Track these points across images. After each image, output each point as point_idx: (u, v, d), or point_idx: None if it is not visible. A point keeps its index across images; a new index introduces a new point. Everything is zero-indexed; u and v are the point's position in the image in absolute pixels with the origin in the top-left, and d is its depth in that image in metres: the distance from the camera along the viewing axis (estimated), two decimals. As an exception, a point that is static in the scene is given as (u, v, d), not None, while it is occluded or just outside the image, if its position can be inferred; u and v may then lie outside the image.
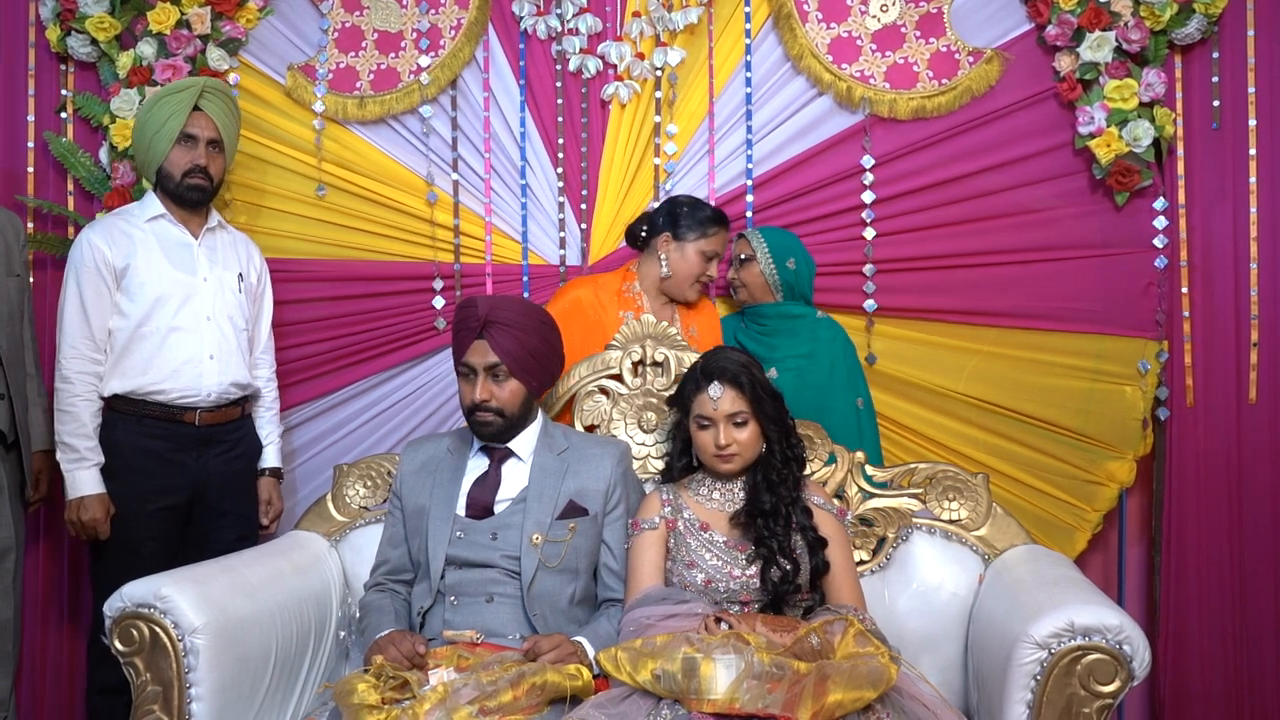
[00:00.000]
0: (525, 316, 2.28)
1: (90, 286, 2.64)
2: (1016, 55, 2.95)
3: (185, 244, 2.73)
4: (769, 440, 2.23)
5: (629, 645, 1.92)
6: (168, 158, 2.69)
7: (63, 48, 3.06)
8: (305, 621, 2.28)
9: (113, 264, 2.65)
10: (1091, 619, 1.87)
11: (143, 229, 2.70)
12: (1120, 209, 2.91)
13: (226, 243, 2.82)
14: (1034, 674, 1.88)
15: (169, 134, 2.67)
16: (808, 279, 2.85)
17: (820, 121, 3.02)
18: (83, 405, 2.61)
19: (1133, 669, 1.86)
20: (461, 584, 2.19)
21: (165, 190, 2.72)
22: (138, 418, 2.63)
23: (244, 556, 2.36)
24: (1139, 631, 1.88)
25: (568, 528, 2.21)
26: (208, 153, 2.71)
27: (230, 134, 2.79)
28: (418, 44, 3.09)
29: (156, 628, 1.99)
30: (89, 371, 2.63)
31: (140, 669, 2.00)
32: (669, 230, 2.72)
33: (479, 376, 2.23)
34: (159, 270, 2.67)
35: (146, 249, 2.68)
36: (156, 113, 2.68)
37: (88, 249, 2.64)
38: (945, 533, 2.42)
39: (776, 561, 2.13)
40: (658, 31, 3.03)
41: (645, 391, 2.55)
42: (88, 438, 2.60)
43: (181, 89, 2.71)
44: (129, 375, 2.63)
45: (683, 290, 2.75)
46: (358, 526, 2.53)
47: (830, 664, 1.85)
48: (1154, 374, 2.92)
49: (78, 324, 2.63)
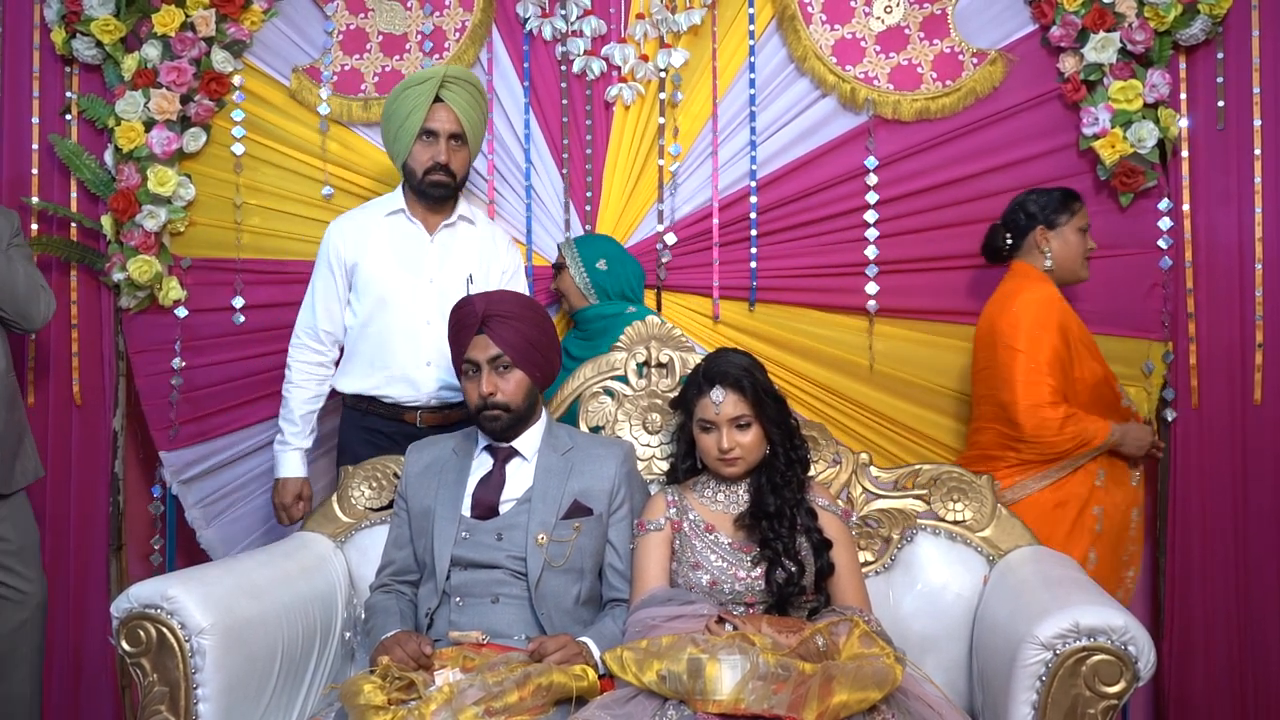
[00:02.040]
0: (522, 308, 2.31)
1: (322, 279, 2.69)
2: (1021, 56, 2.96)
3: (418, 242, 2.67)
4: (772, 443, 2.24)
5: (635, 646, 1.93)
6: (410, 154, 2.63)
7: (68, 50, 3.08)
8: (311, 622, 2.28)
9: (344, 259, 2.66)
10: (1096, 619, 1.87)
11: (380, 224, 2.67)
12: (1125, 210, 2.92)
13: (468, 238, 2.73)
14: (1039, 675, 1.88)
15: (410, 130, 2.60)
16: (625, 278, 2.87)
17: (824, 123, 3.03)
18: (296, 392, 2.70)
19: (1138, 669, 1.86)
20: (467, 585, 2.20)
21: (409, 185, 2.68)
22: (363, 413, 2.67)
23: (251, 557, 2.37)
24: (1144, 632, 1.88)
25: (572, 528, 2.22)
26: (449, 148, 2.62)
27: (475, 125, 2.68)
28: (422, 46, 3.10)
29: (163, 628, 2.00)
30: (308, 361, 2.70)
31: (147, 669, 2.01)
32: (1040, 224, 2.71)
33: (483, 371, 2.24)
34: (385, 270, 2.64)
35: (378, 247, 2.65)
36: (399, 107, 2.61)
37: (325, 242, 2.69)
38: (950, 534, 2.42)
39: (782, 563, 2.14)
40: (661, 33, 3.04)
41: (650, 393, 2.56)
42: (293, 423, 2.69)
43: (421, 80, 2.61)
44: (355, 376, 2.67)
45: (1076, 271, 2.74)
46: (363, 528, 2.54)
47: (835, 665, 1.86)
48: (1159, 375, 2.93)
49: (306, 315, 2.71)
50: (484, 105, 2.73)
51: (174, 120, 3.04)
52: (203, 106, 3.07)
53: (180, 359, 3.11)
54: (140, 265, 3.01)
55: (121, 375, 3.16)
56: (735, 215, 3.04)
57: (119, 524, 3.17)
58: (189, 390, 3.12)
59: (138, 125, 3.02)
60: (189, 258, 3.12)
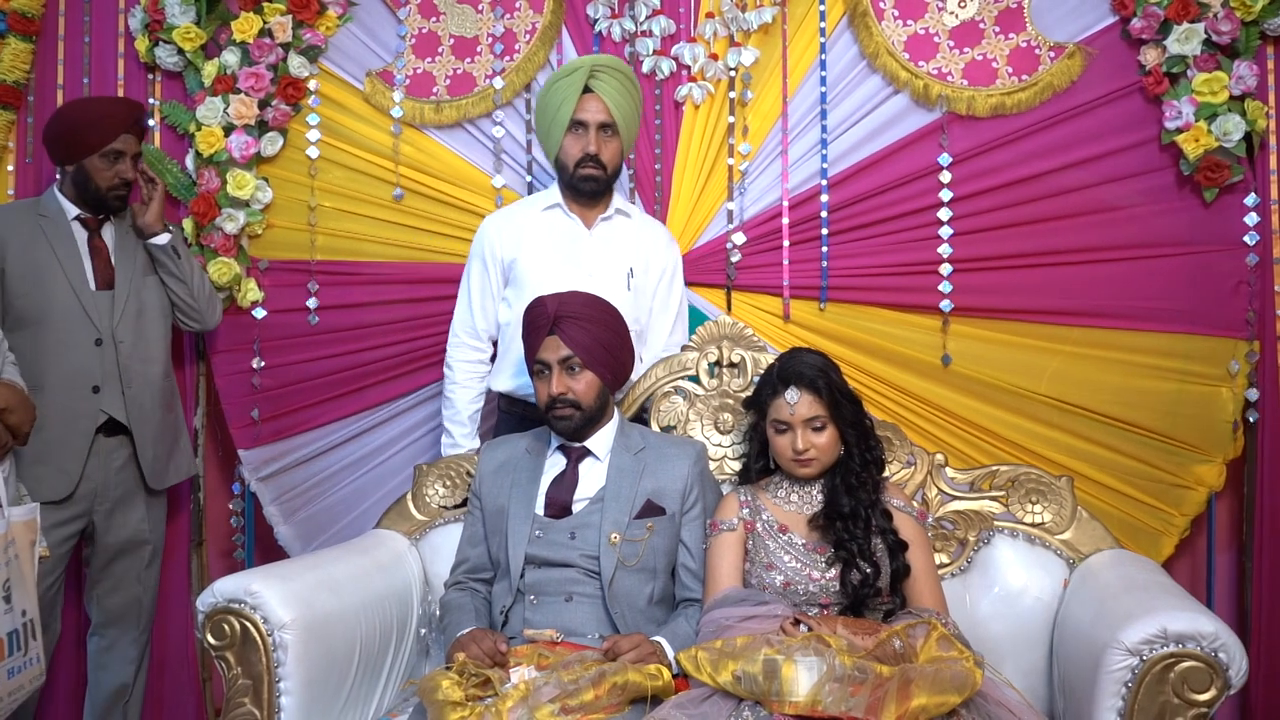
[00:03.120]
0: (593, 309, 2.32)
1: (477, 276, 2.72)
2: (1100, 49, 2.89)
3: (576, 236, 2.65)
4: (847, 444, 2.23)
5: (709, 646, 1.93)
6: (561, 147, 2.61)
7: (151, 58, 3.17)
8: (388, 618, 2.32)
9: (500, 256, 2.67)
10: (1185, 625, 1.83)
11: (537, 218, 2.68)
12: (1209, 205, 2.84)
13: (626, 232, 2.70)
14: (1125, 681, 1.85)
15: (561, 123, 2.58)
16: None
17: (896, 120, 2.99)
18: (460, 392, 2.73)
19: (1229, 677, 1.82)
20: (541, 583, 2.22)
21: (561, 180, 2.67)
22: (518, 418, 2.68)
23: (329, 554, 2.42)
24: (1235, 639, 1.84)
25: (645, 527, 2.23)
26: (599, 138, 2.58)
27: (626, 114, 2.63)
28: (493, 49, 3.13)
29: (247, 622, 2.05)
30: (469, 359, 2.73)
31: (231, 662, 2.06)
32: None
33: (553, 371, 2.26)
34: (544, 265, 2.61)
35: (535, 241, 2.65)
36: (549, 101, 2.60)
37: (479, 238, 2.72)
38: (1028, 536, 2.39)
39: (857, 564, 2.12)
40: (731, 32, 3.03)
41: (721, 393, 2.56)
42: (461, 424, 2.73)
43: (570, 71, 2.60)
44: (507, 375, 2.68)
45: None
46: (437, 525, 2.57)
47: (913, 668, 1.84)
48: (1244, 374, 2.85)
49: (463, 313, 2.74)
50: (637, 94, 2.67)
51: (252, 125, 3.11)
52: (280, 111, 3.13)
53: (259, 359, 3.18)
54: (220, 267, 3.09)
55: (202, 375, 3.24)
56: (805, 214, 3.02)
57: (200, 521, 3.25)
58: (266, 390, 3.19)
59: (217, 130, 3.10)
60: (266, 260, 3.19)
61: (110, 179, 2.77)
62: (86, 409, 2.73)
